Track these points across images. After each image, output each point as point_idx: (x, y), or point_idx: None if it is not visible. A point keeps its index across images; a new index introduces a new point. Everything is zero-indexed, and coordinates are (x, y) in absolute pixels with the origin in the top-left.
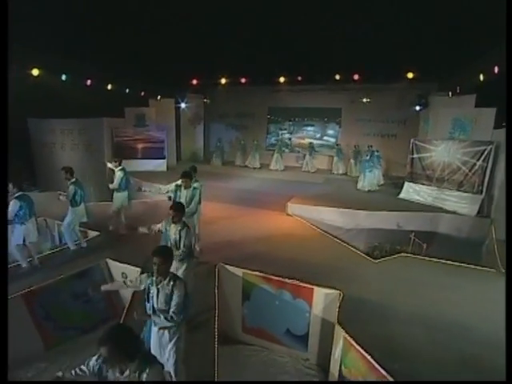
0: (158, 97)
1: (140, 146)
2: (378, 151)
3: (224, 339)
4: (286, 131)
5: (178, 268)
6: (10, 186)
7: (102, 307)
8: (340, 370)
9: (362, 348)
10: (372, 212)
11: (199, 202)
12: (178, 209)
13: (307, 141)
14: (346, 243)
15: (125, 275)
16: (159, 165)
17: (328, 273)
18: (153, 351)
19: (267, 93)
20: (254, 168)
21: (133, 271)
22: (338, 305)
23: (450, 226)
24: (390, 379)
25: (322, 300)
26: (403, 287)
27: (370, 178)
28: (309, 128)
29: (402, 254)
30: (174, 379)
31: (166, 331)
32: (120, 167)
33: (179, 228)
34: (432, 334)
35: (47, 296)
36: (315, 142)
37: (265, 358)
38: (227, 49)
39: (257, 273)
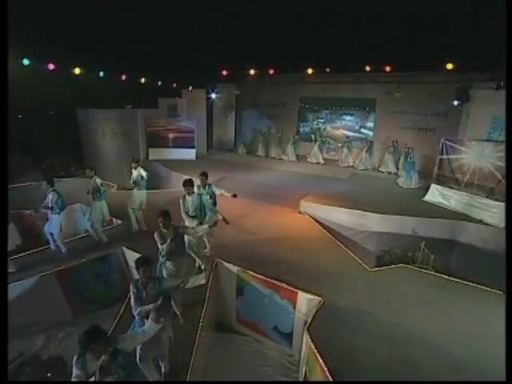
0: (190, 88)
1: (171, 135)
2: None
3: (221, 327)
4: (321, 120)
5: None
6: (44, 183)
7: (119, 287)
8: (305, 370)
9: (320, 356)
10: (386, 215)
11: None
12: (164, 215)
13: (342, 132)
14: (347, 249)
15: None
16: (188, 153)
17: (320, 277)
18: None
19: (299, 82)
20: (290, 161)
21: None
22: (315, 311)
23: (473, 236)
24: None
25: (305, 304)
26: (390, 301)
27: (416, 176)
28: (345, 118)
29: (402, 265)
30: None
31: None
32: (139, 166)
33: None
34: (397, 353)
35: (75, 275)
36: (350, 133)
37: (254, 349)
38: (259, 39)
39: (249, 271)
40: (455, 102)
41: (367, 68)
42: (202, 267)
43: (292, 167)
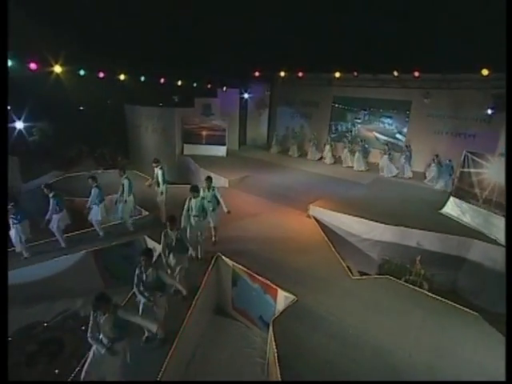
0: (224, 88)
1: (204, 132)
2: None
3: (220, 311)
4: (359, 121)
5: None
6: (90, 180)
7: None
8: (267, 356)
9: (275, 344)
10: (390, 226)
11: (216, 205)
12: (171, 219)
13: (374, 134)
14: (349, 254)
15: (154, 248)
16: (220, 150)
17: (303, 279)
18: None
19: (332, 81)
20: (326, 163)
21: (159, 248)
22: (285, 307)
23: (482, 254)
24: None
25: (282, 300)
26: (358, 308)
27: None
28: (384, 121)
29: (385, 277)
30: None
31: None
32: (159, 167)
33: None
34: (343, 354)
35: (106, 255)
36: (383, 137)
37: (242, 333)
38: (291, 42)
39: (241, 266)
40: (489, 111)
41: (407, 66)
42: (199, 256)
43: (316, 168)
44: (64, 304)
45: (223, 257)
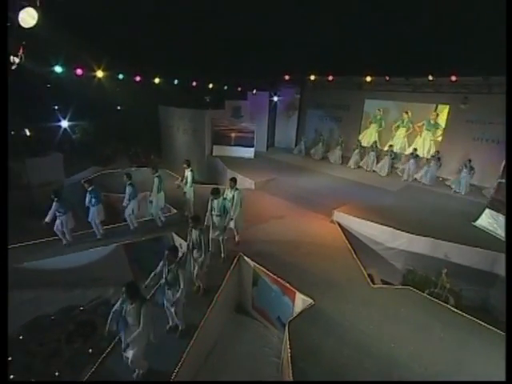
0: (254, 91)
1: (233, 134)
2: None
3: (240, 309)
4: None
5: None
6: (125, 177)
7: None
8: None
9: (289, 345)
10: (417, 236)
11: (240, 206)
12: (195, 219)
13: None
14: (373, 263)
15: (180, 245)
16: (248, 152)
17: (322, 284)
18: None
19: (363, 85)
20: (351, 168)
21: (184, 245)
22: (302, 310)
23: None
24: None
25: (300, 302)
26: (375, 317)
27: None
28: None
29: (408, 287)
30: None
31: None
32: (189, 169)
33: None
34: (354, 360)
35: (136, 248)
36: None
37: (261, 333)
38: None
39: (262, 267)
40: None
41: (444, 69)
42: (222, 255)
43: (344, 174)
44: (97, 291)
45: (245, 257)
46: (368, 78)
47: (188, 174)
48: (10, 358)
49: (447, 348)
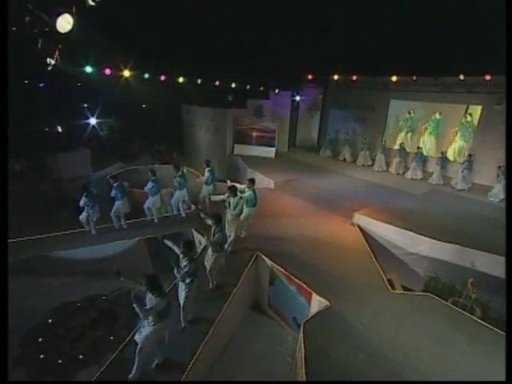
0: (276, 90)
1: (255, 134)
2: None
3: (256, 307)
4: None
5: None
6: (150, 173)
7: None
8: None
9: (304, 346)
10: (440, 242)
11: (254, 205)
12: (215, 217)
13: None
14: (382, 268)
15: (199, 241)
16: (269, 152)
17: (339, 286)
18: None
19: (389, 85)
20: (378, 170)
21: (203, 241)
22: (317, 311)
23: None
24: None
25: (316, 304)
26: (392, 323)
27: None
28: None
29: (429, 295)
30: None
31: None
32: (209, 168)
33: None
34: (368, 365)
35: (157, 242)
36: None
37: (276, 332)
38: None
39: (279, 267)
40: None
41: (476, 68)
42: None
43: (366, 175)
44: (119, 282)
45: (263, 256)
46: (394, 78)
47: (206, 174)
48: (40, 339)
49: (470, 361)
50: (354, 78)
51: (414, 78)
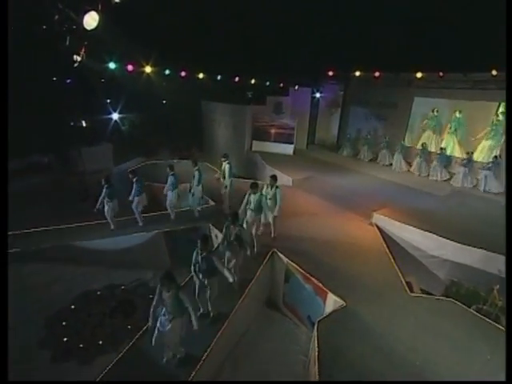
0: (296, 87)
1: (273, 130)
2: None
3: (271, 305)
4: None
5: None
6: (168, 168)
7: None
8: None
9: (317, 344)
10: (465, 246)
11: (278, 203)
12: (233, 215)
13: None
14: (401, 270)
15: (216, 236)
16: (287, 149)
17: (356, 286)
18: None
19: (413, 82)
20: (397, 171)
21: (220, 236)
22: (332, 310)
23: None
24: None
25: (331, 303)
26: (410, 327)
27: None
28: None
29: (451, 300)
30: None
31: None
32: (227, 162)
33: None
34: (382, 368)
35: (175, 237)
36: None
37: (290, 329)
38: (368, 40)
39: (295, 264)
40: None
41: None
42: (255, 250)
43: (386, 175)
44: (137, 273)
45: (279, 253)
46: (418, 74)
47: (226, 166)
48: (63, 323)
49: (493, 372)
50: (377, 74)
51: (441, 74)
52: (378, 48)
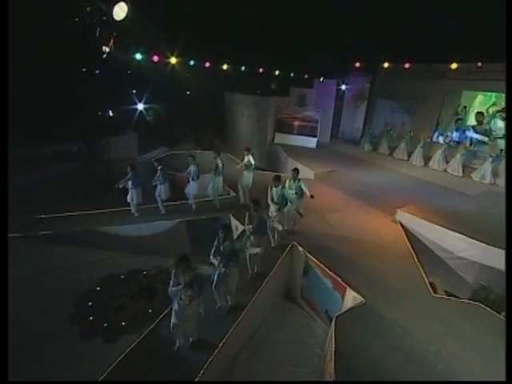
0: (321, 78)
1: (296, 123)
2: None
3: (288, 297)
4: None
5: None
6: (190, 158)
7: None
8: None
9: (334, 341)
10: (496, 248)
11: (301, 197)
12: (255, 202)
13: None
14: (424, 270)
15: (236, 227)
16: (310, 142)
17: (378, 286)
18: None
19: (446, 74)
20: (416, 165)
21: (240, 227)
22: (351, 306)
23: None
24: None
25: (350, 299)
26: (431, 329)
27: None
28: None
29: (478, 304)
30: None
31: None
32: (249, 154)
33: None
34: (400, 369)
35: (196, 226)
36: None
37: (306, 323)
38: (398, 31)
39: (314, 258)
40: None
41: None
42: (274, 244)
43: (412, 171)
44: (159, 260)
45: (299, 246)
46: (454, 65)
47: (250, 157)
48: (90, 304)
49: None
50: (407, 65)
51: (480, 64)
52: (409, 38)
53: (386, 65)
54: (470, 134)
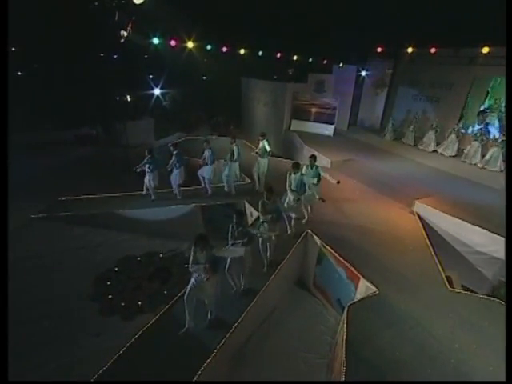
0: (341, 64)
1: (314, 110)
2: None
3: (301, 284)
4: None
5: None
6: (205, 143)
7: None
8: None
9: (346, 329)
10: None
11: (317, 184)
12: (268, 190)
13: None
14: (441, 264)
15: (251, 213)
16: (327, 129)
17: (393, 277)
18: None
19: (476, 59)
20: (445, 155)
21: (255, 213)
22: (364, 296)
23: None
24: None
25: (363, 289)
26: (445, 321)
27: None
28: None
29: (497, 300)
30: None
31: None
32: (264, 139)
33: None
34: (413, 359)
35: (211, 211)
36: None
37: (318, 310)
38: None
39: (328, 247)
40: None
41: None
42: (289, 232)
43: (434, 162)
44: (174, 243)
45: (313, 234)
46: (485, 49)
47: (265, 143)
48: (108, 283)
49: None
50: (433, 50)
51: None
52: (435, 20)
53: (409, 50)
54: (493, 129)
